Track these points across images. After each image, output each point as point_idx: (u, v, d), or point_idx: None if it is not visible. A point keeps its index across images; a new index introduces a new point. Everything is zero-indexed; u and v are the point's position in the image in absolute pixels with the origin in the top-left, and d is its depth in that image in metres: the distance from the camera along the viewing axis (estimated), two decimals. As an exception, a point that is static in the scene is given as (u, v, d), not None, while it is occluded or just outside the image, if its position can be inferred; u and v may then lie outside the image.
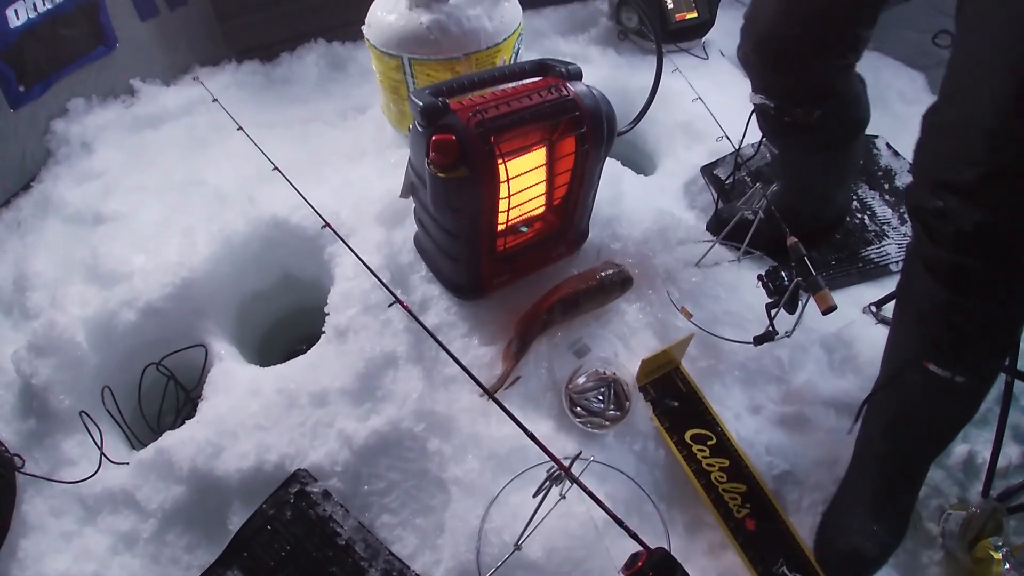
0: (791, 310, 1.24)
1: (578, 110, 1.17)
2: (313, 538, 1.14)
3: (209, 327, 1.46)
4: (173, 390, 1.46)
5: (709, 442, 1.23)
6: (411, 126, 1.18)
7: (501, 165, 1.13)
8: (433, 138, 1.09)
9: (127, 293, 1.42)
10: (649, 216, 1.51)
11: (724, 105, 1.72)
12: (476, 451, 1.18)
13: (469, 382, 1.23)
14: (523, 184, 1.21)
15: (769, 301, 1.26)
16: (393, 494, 1.17)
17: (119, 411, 1.38)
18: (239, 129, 1.43)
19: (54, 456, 1.28)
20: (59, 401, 1.30)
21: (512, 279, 1.37)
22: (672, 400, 1.28)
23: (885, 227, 1.68)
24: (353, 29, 1.65)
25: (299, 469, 1.18)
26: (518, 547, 1.06)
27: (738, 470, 1.21)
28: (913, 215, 1.00)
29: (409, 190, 1.32)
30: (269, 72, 2.06)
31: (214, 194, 1.66)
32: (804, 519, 1.20)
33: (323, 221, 1.29)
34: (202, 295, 1.45)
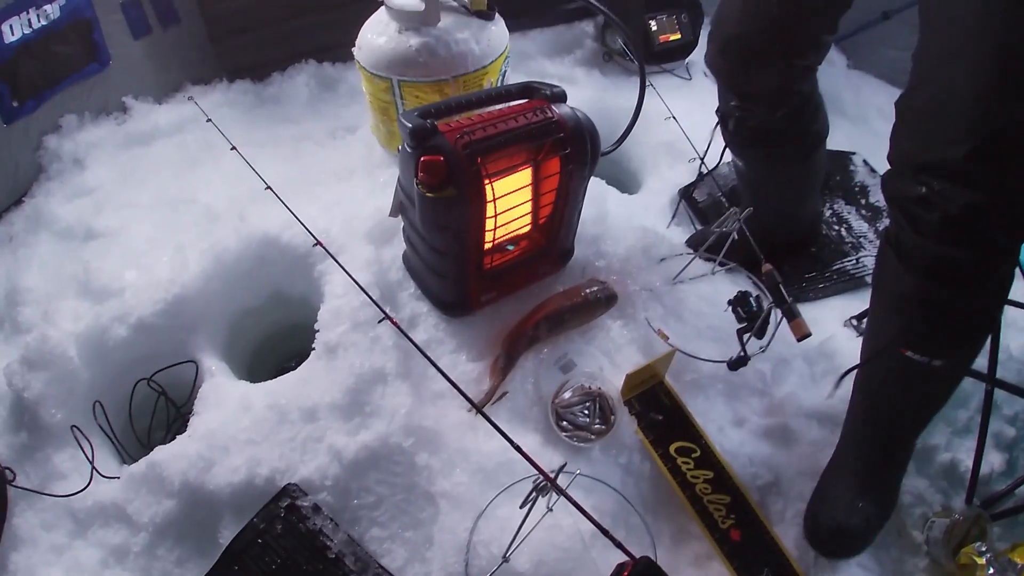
0: (760, 335, 1.27)
1: (562, 132, 1.21)
2: (303, 551, 1.15)
3: (200, 343, 1.47)
4: (163, 406, 1.48)
5: (693, 454, 1.26)
6: (400, 147, 1.22)
7: (488, 185, 1.16)
8: (422, 159, 1.12)
9: (119, 309, 1.44)
10: (633, 234, 1.55)
11: (707, 125, 1.76)
12: (464, 465, 1.20)
13: (457, 397, 1.25)
14: (509, 203, 1.24)
15: (740, 326, 1.29)
16: (382, 508, 1.18)
17: (110, 426, 1.39)
18: (232, 149, 1.45)
19: (45, 470, 1.28)
20: (51, 415, 1.31)
21: (499, 296, 1.40)
22: (656, 414, 1.30)
23: (861, 240, 1.72)
24: (343, 50, 1.68)
25: (289, 483, 1.20)
26: (506, 559, 1.08)
27: (722, 481, 1.24)
28: (893, 204, 0.99)
29: (398, 209, 1.34)
30: (260, 92, 2.08)
31: (205, 212, 1.68)
32: (788, 529, 1.23)
33: (314, 239, 1.32)
34: (193, 311, 1.47)
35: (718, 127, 1.48)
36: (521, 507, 0.97)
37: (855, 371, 1.20)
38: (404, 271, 1.44)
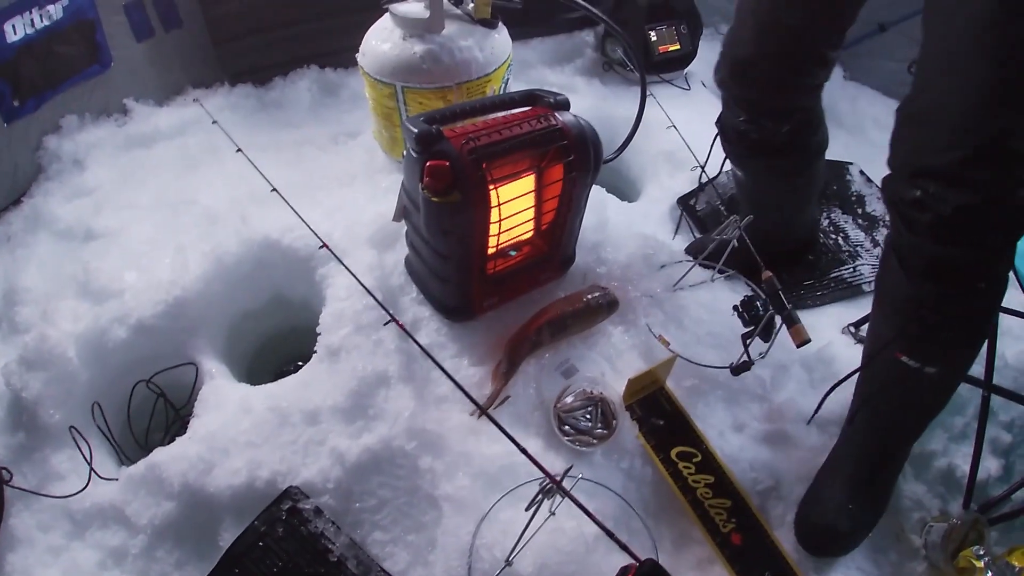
0: (766, 338, 1.29)
1: (565, 139, 1.22)
2: (305, 555, 1.15)
3: (200, 345, 1.47)
4: (162, 408, 1.47)
5: (694, 459, 1.27)
6: (405, 152, 1.22)
7: (492, 191, 1.17)
8: (428, 164, 1.13)
9: (118, 310, 1.43)
10: (633, 241, 1.56)
11: (706, 135, 1.78)
12: (467, 468, 1.20)
13: (460, 401, 1.26)
14: (513, 209, 1.25)
15: (745, 331, 1.31)
16: (385, 511, 1.18)
17: (108, 427, 1.38)
18: (238, 151, 1.46)
19: (43, 470, 1.27)
20: (49, 415, 1.30)
21: (501, 302, 1.41)
22: (658, 419, 1.31)
23: (858, 248, 1.75)
24: (345, 56, 1.70)
25: (291, 486, 1.20)
26: (509, 563, 1.09)
27: (723, 486, 1.25)
28: (891, 207, 1.02)
29: (402, 214, 1.35)
30: (262, 96, 2.09)
31: (205, 214, 1.68)
32: (788, 534, 1.24)
33: (321, 242, 1.32)
34: (194, 313, 1.47)
35: (717, 138, 1.50)
36: (527, 510, 0.97)
37: (854, 375, 1.22)
38: (406, 276, 1.44)
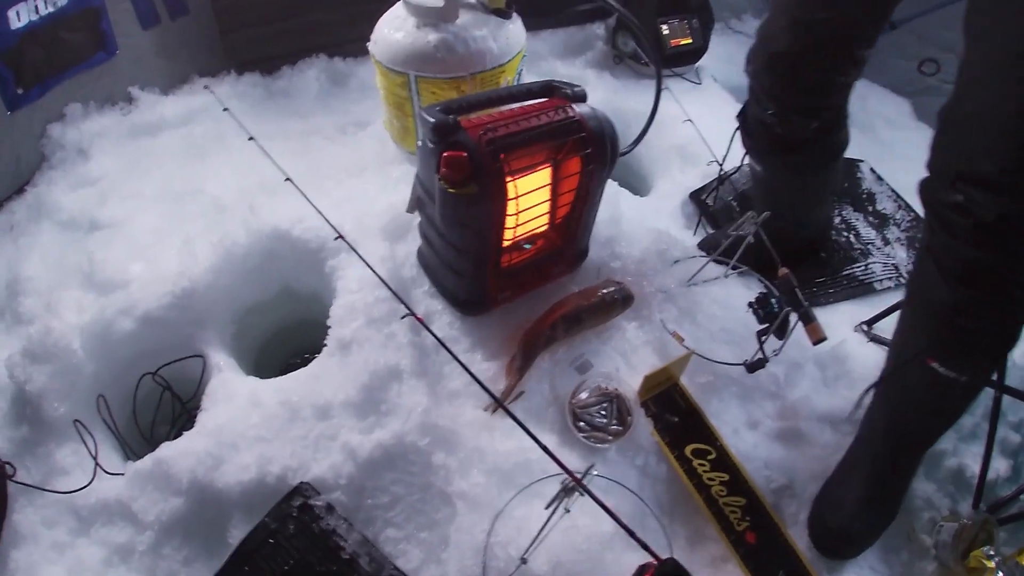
0: (781, 336, 1.28)
1: (583, 131, 1.20)
2: (316, 552, 1.13)
3: (208, 337, 1.45)
4: (168, 401, 1.45)
5: (709, 457, 1.25)
6: (420, 142, 1.20)
7: (510, 183, 1.15)
8: (445, 154, 1.10)
9: (124, 301, 1.41)
10: (647, 236, 1.54)
11: (716, 129, 1.77)
12: (481, 465, 1.18)
13: (473, 396, 1.24)
14: (529, 202, 1.23)
15: (760, 328, 1.30)
16: (398, 508, 1.17)
17: (113, 421, 1.36)
18: (250, 139, 1.43)
19: (47, 465, 1.25)
20: (53, 409, 1.27)
21: (514, 295, 1.39)
22: (672, 415, 1.30)
23: (869, 247, 1.73)
24: (354, 45, 1.67)
25: (302, 482, 1.18)
26: (524, 561, 1.07)
27: (737, 484, 1.23)
28: (929, 209, 1.00)
29: (415, 205, 1.33)
30: (269, 85, 2.06)
31: (213, 204, 1.65)
32: (802, 532, 1.23)
33: (336, 233, 1.30)
34: (201, 305, 1.44)
35: (738, 131, 1.48)
36: (547, 508, 0.96)
37: (876, 380, 1.21)
38: (418, 268, 1.42)
